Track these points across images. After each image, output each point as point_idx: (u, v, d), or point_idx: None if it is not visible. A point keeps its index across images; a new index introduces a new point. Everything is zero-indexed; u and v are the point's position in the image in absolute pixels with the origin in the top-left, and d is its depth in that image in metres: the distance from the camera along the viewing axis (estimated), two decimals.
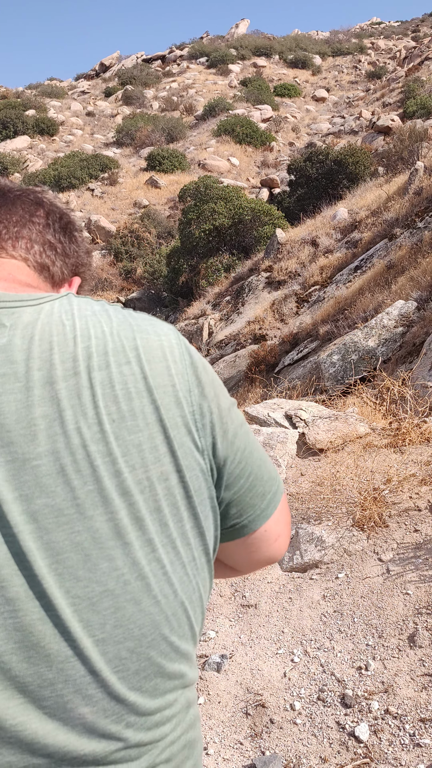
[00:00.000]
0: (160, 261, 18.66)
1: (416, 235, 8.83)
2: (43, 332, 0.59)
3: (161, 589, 0.59)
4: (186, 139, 31.13)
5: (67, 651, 0.54)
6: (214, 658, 2.33)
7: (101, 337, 0.61)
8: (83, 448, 0.56)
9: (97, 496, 0.56)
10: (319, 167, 16.77)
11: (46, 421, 0.55)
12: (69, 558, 0.55)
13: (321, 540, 2.78)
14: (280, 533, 0.77)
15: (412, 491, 2.99)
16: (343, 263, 10.72)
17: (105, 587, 0.56)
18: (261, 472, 0.73)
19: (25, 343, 0.58)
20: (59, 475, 0.55)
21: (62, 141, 32.37)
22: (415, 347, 6.14)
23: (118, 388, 0.59)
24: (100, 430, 0.57)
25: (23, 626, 0.53)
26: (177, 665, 0.62)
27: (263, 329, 10.39)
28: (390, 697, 2.01)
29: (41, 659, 0.53)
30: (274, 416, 4.12)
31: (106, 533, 0.56)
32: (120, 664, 0.57)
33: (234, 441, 0.69)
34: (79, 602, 0.55)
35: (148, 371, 0.62)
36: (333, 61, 45.61)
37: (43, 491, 0.54)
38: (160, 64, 47.28)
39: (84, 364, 0.58)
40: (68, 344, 0.59)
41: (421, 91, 26.10)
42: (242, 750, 1.98)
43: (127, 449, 0.58)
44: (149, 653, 0.59)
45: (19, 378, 0.56)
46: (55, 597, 0.54)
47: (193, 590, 0.63)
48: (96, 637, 0.55)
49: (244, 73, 40.93)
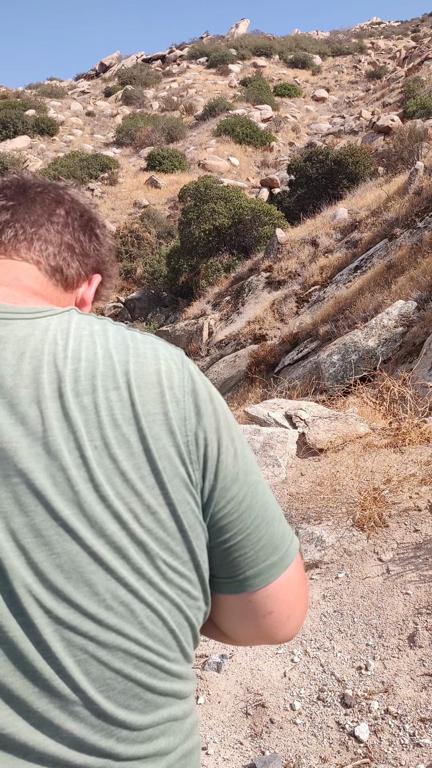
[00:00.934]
0: (160, 261, 18.66)
1: (416, 235, 8.83)
2: (35, 349, 0.57)
3: (147, 615, 0.58)
4: (186, 139, 31.13)
5: (49, 669, 0.54)
6: (214, 658, 2.33)
7: (92, 360, 0.58)
8: (63, 472, 0.54)
9: (78, 521, 0.54)
10: (319, 167, 16.77)
11: (28, 440, 0.54)
12: (49, 579, 0.54)
13: (321, 540, 2.78)
14: (292, 607, 0.68)
15: (412, 491, 2.99)
16: (343, 263, 10.72)
17: (85, 611, 0.55)
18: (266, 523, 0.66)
19: (15, 359, 0.56)
20: (38, 496, 0.53)
21: (62, 141, 32.37)
22: (415, 347, 6.14)
23: (104, 414, 0.57)
24: (81, 455, 0.55)
25: (8, 640, 0.53)
26: (168, 684, 0.61)
27: (263, 329, 10.39)
28: (390, 697, 2.01)
29: (28, 672, 0.53)
30: (274, 416, 4.12)
31: (86, 559, 0.55)
32: (104, 684, 0.56)
33: (233, 485, 0.63)
34: (60, 623, 0.54)
35: (137, 398, 0.58)
36: (333, 61, 45.61)
37: (22, 510, 0.53)
38: (160, 64, 47.28)
39: (69, 387, 0.56)
40: (58, 364, 0.57)
41: (421, 91, 26.10)
42: (242, 750, 1.98)
43: (109, 477, 0.56)
44: (136, 675, 0.58)
45: (4, 393, 0.55)
46: (34, 617, 0.53)
47: (185, 619, 0.61)
48: (78, 657, 0.54)
49: (244, 73, 40.93)
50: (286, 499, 3.29)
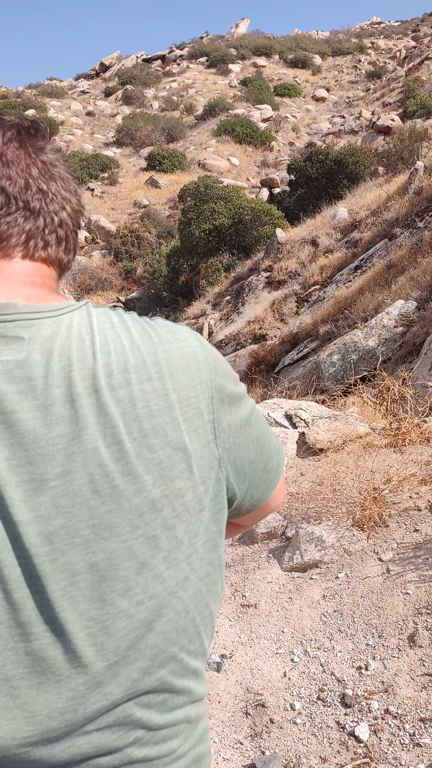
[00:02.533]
0: (160, 261, 18.65)
1: (416, 235, 8.83)
2: (63, 347, 0.57)
3: (173, 607, 0.59)
4: (186, 139, 31.12)
5: (77, 678, 0.53)
6: (214, 658, 2.33)
7: (121, 353, 0.59)
8: (101, 468, 0.55)
9: (114, 517, 0.55)
10: (319, 167, 16.76)
11: (64, 440, 0.54)
12: (84, 579, 0.54)
13: (321, 540, 2.78)
14: (281, 487, 0.81)
15: (412, 491, 2.99)
16: (343, 263, 10.72)
17: (119, 609, 0.55)
18: (270, 450, 0.75)
19: (44, 359, 0.56)
20: (76, 496, 0.54)
21: (62, 141, 32.36)
22: (415, 347, 6.14)
23: (140, 406, 0.58)
24: (120, 449, 0.56)
25: (34, 651, 0.52)
26: (186, 681, 0.62)
27: (263, 329, 10.39)
28: (390, 697, 2.01)
29: (51, 686, 0.52)
30: (274, 416, 4.12)
31: (122, 554, 0.55)
32: (131, 686, 0.56)
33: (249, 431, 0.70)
34: (93, 625, 0.54)
35: (171, 387, 0.60)
36: (333, 61, 45.60)
37: (60, 512, 0.53)
38: (160, 63, 47.26)
39: (104, 381, 0.57)
40: (87, 360, 0.57)
41: (421, 91, 26.09)
42: (242, 750, 1.98)
43: (147, 468, 0.57)
44: (159, 672, 0.58)
45: (37, 395, 0.54)
46: (66, 621, 0.53)
47: (205, 606, 0.63)
48: (110, 660, 0.55)
49: (244, 73, 40.92)
50: (286, 499, 3.29)
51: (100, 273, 20.00)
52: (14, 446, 0.52)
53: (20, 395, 0.54)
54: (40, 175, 0.66)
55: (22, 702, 0.52)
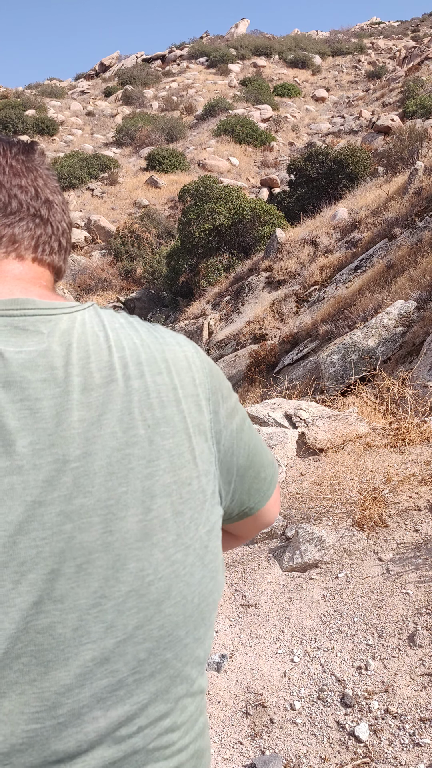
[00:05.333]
0: (160, 261, 18.65)
1: (416, 235, 8.83)
2: (80, 341, 0.61)
3: (180, 590, 0.61)
4: (186, 139, 31.12)
5: (85, 655, 0.55)
6: (213, 658, 2.33)
7: (134, 348, 0.64)
8: (118, 452, 0.58)
9: (130, 498, 0.58)
10: (319, 167, 16.76)
11: (84, 424, 0.57)
12: (99, 558, 0.56)
13: (321, 540, 2.78)
14: (276, 500, 0.84)
15: (412, 491, 2.99)
16: (343, 263, 10.72)
17: (131, 587, 0.57)
18: (262, 459, 0.79)
19: (64, 350, 0.59)
20: (96, 476, 0.57)
21: (62, 141, 32.36)
22: (415, 347, 6.14)
23: (153, 396, 0.62)
24: (135, 434, 0.60)
25: (44, 628, 0.53)
26: (189, 669, 0.63)
27: (263, 329, 10.39)
28: (390, 697, 2.01)
29: (59, 663, 0.54)
30: (274, 416, 4.12)
31: (135, 534, 0.58)
32: (138, 666, 0.58)
33: (241, 437, 0.74)
34: (105, 602, 0.56)
35: (177, 382, 0.65)
36: (333, 61, 45.59)
37: (81, 491, 0.56)
38: (160, 63, 47.26)
39: (120, 372, 0.61)
40: (104, 353, 0.61)
41: (421, 91, 26.09)
42: (242, 750, 1.98)
43: (159, 454, 0.61)
44: (165, 655, 0.60)
45: (58, 383, 0.57)
46: (78, 598, 0.54)
47: (209, 593, 0.65)
48: (118, 638, 0.56)
49: (244, 73, 40.92)
50: (286, 499, 3.29)
51: (100, 273, 20.00)
52: (38, 431, 0.55)
53: (43, 383, 0.57)
54: (46, 186, 0.72)
55: (31, 678, 0.53)
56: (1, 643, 0.51)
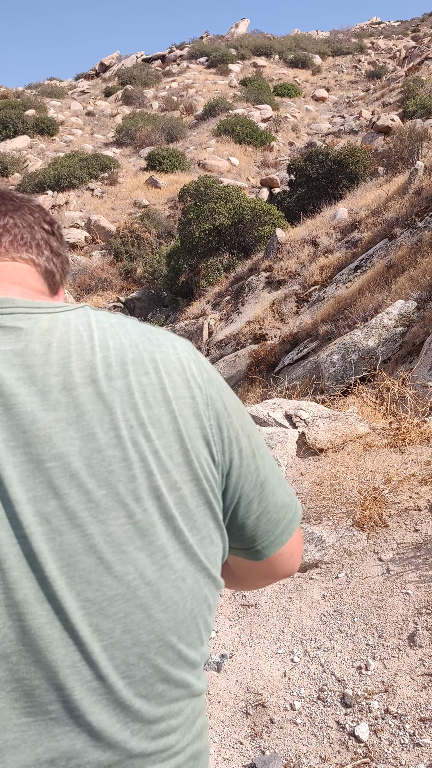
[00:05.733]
0: (160, 261, 18.65)
1: (416, 235, 8.83)
2: (62, 340, 0.59)
3: (170, 596, 0.59)
4: (186, 139, 31.12)
5: (74, 656, 0.54)
6: (214, 658, 2.33)
7: (120, 348, 0.61)
8: (98, 453, 0.56)
9: (111, 500, 0.56)
10: (319, 167, 16.76)
11: (61, 424, 0.56)
12: (81, 561, 0.54)
13: (321, 540, 2.78)
14: (293, 552, 0.77)
15: (412, 491, 2.99)
16: (343, 263, 10.72)
17: (116, 591, 0.56)
18: (276, 497, 0.73)
19: (43, 349, 0.58)
20: (73, 478, 0.55)
21: (62, 141, 32.36)
22: (415, 347, 6.14)
23: (137, 396, 0.60)
24: (116, 435, 0.57)
25: (31, 629, 0.52)
26: (183, 673, 0.62)
27: (263, 329, 10.39)
28: (390, 697, 2.01)
29: (48, 664, 0.53)
30: (274, 416, 4.12)
31: (119, 538, 0.56)
32: (127, 670, 0.57)
33: (250, 462, 0.70)
34: (90, 606, 0.55)
35: (167, 382, 0.62)
36: (333, 61, 45.59)
37: (56, 493, 0.54)
38: (160, 63, 47.26)
39: (102, 372, 0.59)
40: (86, 353, 0.59)
41: (421, 91, 26.08)
42: (242, 750, 1.98)
43: (143, 455, 0.58)
44: (156, 660, 0.59)
45: (35, 382, 0.56)
46: (65, 600, 0.53)
47: (203, 599, 0.63)
48: (104, 642, 0.55)
49: (244, 73, 40.91)
50: None
51: (100, 273, 20.00)
52: (12, 428, 0.54)
53: (18, 381, 0.56)
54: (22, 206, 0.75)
55: (20, 677, 0.52)
56: None
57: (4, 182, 26.79)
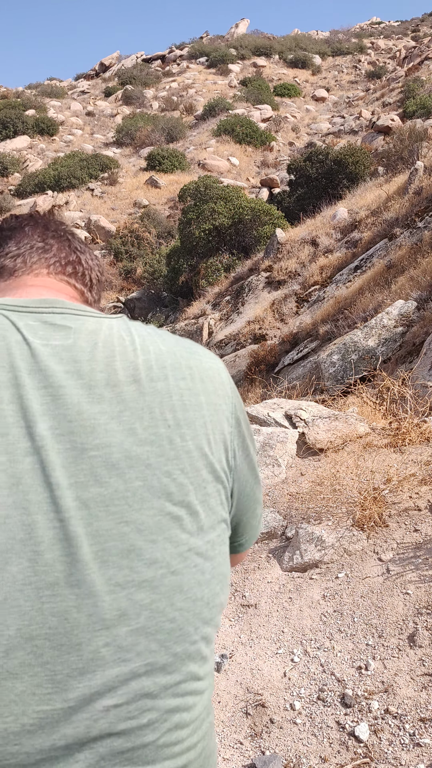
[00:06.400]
0: (160, 261, 18.65)
1: (416, 235, 8.84)
2: (106, 341, 0.64)
3: (191, 587, 0.62)
4: (186, 139, 31.12)
5: (98, 641, 0.55)
6: (214, 658, 2.33)
7: (159, 353, 0.66)
8: (137, 447, 0.60)
9: (146, 492, 0.59)
10: (319, 167, 16.76)
11: (104, 417, 0.59)
12: (114, 546, 0.57)
13: (321, 540, 2.78)
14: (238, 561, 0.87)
15: (412, 491, 2.99)
16: (343, 263, 10.72)
17: (144, 578, 0.58)
18: (259, 496, 0.82)
19: (90, 347, 0.62)
20: (113, 468, 0.58)
21: (62, 141, 32.36)
22: (415, 347, 6.14)
23: (175, 399, 0.64)
24: (155, 433, 0.62)
25: (59, 612, 0.54)
26: (197, 666, 0.64)
27: (263, 329, 10.39)
28: (390, 697, 2.01)
29: (72, 648, 0.54)
30: (274, 416, 4.12)
31: (150, 527, 0.59)
32: (150, 657, 0.58)
33: (253, 468, 0.78)
34: (119, 590, 0.57)
35: (201, 389, 0.68)
36: (333, 61, 45.60)
37: (97, 481, 0.57)
38: (160, 64, 47.26)
39: (144, 374, 0.63)
40: (129, 354, 0.64)
41: (421, 91, 26.09)
42: (242, 750, 1.98)
43: (177, 454, 0.63)
44: (176, 649, 0.61)
45: (82, 376, 0.60)
46: (95, 584, 0.55)
47: (216, 594, 0.66)
48: (131, 627, 0.57)
49: (244, 73, 40.92)
50: (286, 499, 3.29)
51: None
52: (59, 417, 0.57)
53: (67, 374, 0.59)
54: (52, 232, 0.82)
55: (44, 660, 0.53)
56: (15, 621, 0.52)
57: (4, 182, 26.81)
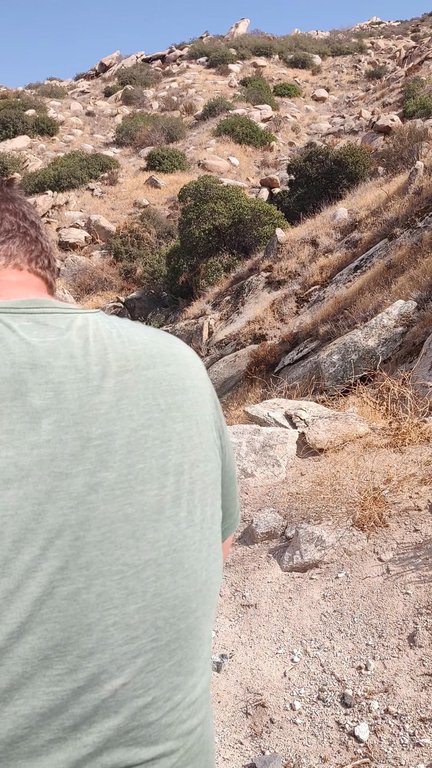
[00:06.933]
0: (160, 261, 18.65)
1: (416, 235, 8.84)
2: (96, 336, 0.67)
3: (191, 564, 0.65)
4: (186, 139, 31.11)
5: (107, 619, 0.57)
6: (214, 658, 2.33)
7: (145, 343, 0.70)
8: (136, 432, 0.63)
9: (146, 474, 0.63)
10: (319, 167, 16.76)
11: (104, 407, 0.62)
12: (121, 527, 0.60)
13: (321, 540, 2.78)
14: (230, 542, 0.89)
15: (412, 491, 2.99)
16: (343, 263, 10.72)
17: (149, 556, 0.61)
18: (236, 491, 0.86)
19: (82, 342, 0.65)
20: (116, 454, 0.61)
21: (62, 141, 32.35)
22: (415, 347, 6.14)
23: (164, 385, 0.69)
24: (150, 417, 0.65)
25: (69, 594, 0.56)
26: (198, 645, 0.66)
27: (263, 329, 10.39)
28: (390, 697, 2.01)
29: (83, 628, 0.56)
30: (274, 416, 4.12)
31: (152, 507, 0.62)
32: (156, 634, 0.60)
33: (229, 454, 0.80)
34: (127, 569, 0.59)
35: (185, 374, 0.72)
36: (333, 61, 45.58)
37: (103, 466, 0.60)
38: (160, 63, 47.25)
39: (134, 363, 0.67)
40: (118, 346, 0.67)
41: (421, 91, 26.09)
42: (242, 750, 1.98)
43: (170, 435, 0.66)
44: (180, 626, 0.63)
45: (79, 370, 0.63)
46: (103, 564, 0.58)
47: (213, 573, 0.69)
48: (138, 604, 0.59)
49: (244, 73, 40.91)
50: (286, 499, 3.29)
51: (100, 273, 19.99)
52: (62, 411, 0.60)
53: (65, 369, 0.62)
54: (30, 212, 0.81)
55: (54, 644, 0.55)
56: (27, 606, 0.53)
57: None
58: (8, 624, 0.52)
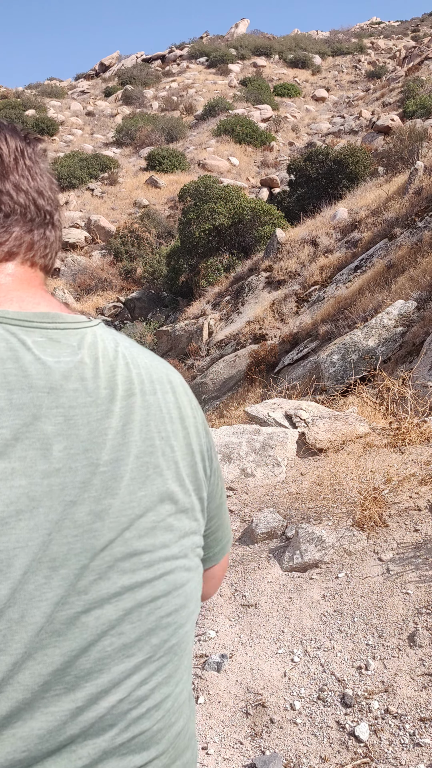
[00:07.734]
0: (160, 261, 18.65)
1: (416, 235, 8.84)
2: (104, 356, 0.66)
3: (181, 584, 0.67)
4: (186, 139, 31.12)
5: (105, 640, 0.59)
6: (214, 658, 2.33)
7: (147, 367, 0.70)
8: (138, 459, 0.64)
9: (147, 500, 0.64)
10: (319, 167, 16.76)
11: (111, 432, 0.63)
12: (120, 552, 0.61)
13: (321, 540, 2.78)
14: (216, 575, 0.88)
15: (412, 491, 2.99)
16: (343, 263, 10.72)
17: (145, 578, 0.63)
18: (226, 512, 0.86)
19: (92, 363, 0.65)
20: (121, 480, 0.62)
21: (62, 141, 32.36)
22: (415, 347, 6.14)
23: (164, 411, 0.69)
24: (151, 444, 0.66)
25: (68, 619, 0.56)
26: (186, 656, 0.70)
27: (263, 329, 10.39)
28: (390, 697, 2.01)
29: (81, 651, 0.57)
30: (274, 416, 4.12)
31: (149, 532, 0.64)
32: (151, 651, 0.63)
33: (218, 480, 0.81)
34: (125, 592, 0.61)
35: (180, 402, 0.73)
36: (333, 61, 45.59)
37: (108, 493, 0.61)
38: (160, 63, 47.26)
39: (138, 387, 0.67)
40: (123, 368, 0.67)
41: (421, 91, 26.09)
42: (242, 750, 1.98)
43: (169, 464, 0.68)
44: (172, 642, 0.66)
45: (89, 393, 0.62)
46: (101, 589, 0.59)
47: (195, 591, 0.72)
48: (134, 624, 0.61)
49: (244, 73, 40.91)
50: (286, 499, 3.29)
51: (100, 273, 19.99)
52: (72, 437, 0.60)
53: (75, 392, 0.61)
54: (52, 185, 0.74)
55: (54, 669, 0.55)
56: (31, 636, 0.54)
57: None
58: (12, 654, 0.53)
